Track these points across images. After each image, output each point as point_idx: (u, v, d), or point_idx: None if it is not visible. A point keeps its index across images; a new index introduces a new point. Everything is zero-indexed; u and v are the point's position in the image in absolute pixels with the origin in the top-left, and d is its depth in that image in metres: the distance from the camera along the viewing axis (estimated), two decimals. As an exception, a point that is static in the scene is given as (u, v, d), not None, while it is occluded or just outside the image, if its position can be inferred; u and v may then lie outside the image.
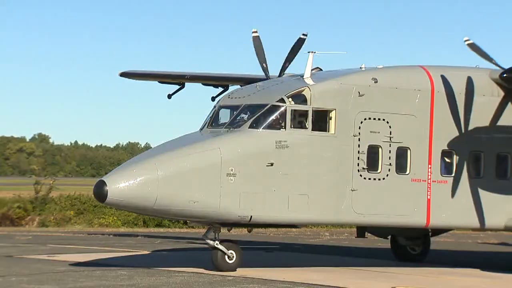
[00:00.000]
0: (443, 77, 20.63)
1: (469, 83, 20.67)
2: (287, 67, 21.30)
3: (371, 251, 27.12)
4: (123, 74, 26.67)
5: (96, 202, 36.85)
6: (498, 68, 20.08)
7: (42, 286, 16.40)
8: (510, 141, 20.90)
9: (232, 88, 24.25)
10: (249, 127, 19.28)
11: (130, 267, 19.62)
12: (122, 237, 31.25)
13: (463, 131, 20.67)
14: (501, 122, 20.63)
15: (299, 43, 20.82)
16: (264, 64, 21.71)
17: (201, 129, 20.15)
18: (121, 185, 18.22)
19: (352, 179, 19.62)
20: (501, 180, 20.99)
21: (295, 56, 20.91)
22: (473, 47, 20.32)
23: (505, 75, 19.84)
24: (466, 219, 20.75)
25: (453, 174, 20.62)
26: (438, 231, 23.93)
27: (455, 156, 20.64)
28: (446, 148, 20.58)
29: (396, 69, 20.95)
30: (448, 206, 20.54)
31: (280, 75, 21.41)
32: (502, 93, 20.58)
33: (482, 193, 20.78)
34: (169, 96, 25.52)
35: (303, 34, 20.76)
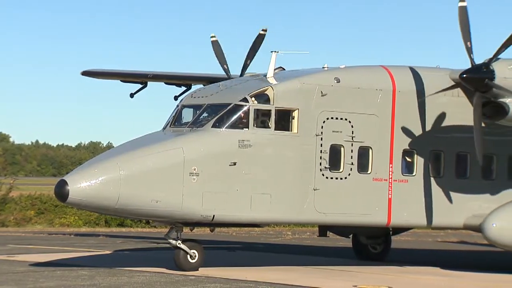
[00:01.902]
0: (404, 77, 20.80)
1: (430, 83, 20.88)
2: (249, 64, 21.35)
3: (333, 250, 27.27)
4: (85, 73, 26.50)
5: (57, 202, 36.54)
6: (469, 56, 20.02)
7: (2, 286, 16.21)
8: (469, 141, 21.16)
9: (195, 87, 24.23)
10: (212, 127, 19.27)
11: (91, 267, 19.49)
12: (83, 237, 31.01)
13: (424, 130, 20.87)
14: (461, 122, 20.86)
15: (259, 39, 20.90)
16: (225, 66, 21.78)
17: (163, 128, 20.08)
18: (83, 184, 18.09)
19: (314, 178, 19.71)
20: (461, 179, 21.24)
21: (256, 52, 20.98)
22: (463, 12, 19.42)
23: (464, 75, 20.07)
24: (427, 218, 20.96)
25: (414, 174, 20.81)
26: (398, 230, 24.13)
27: (416, 155, 20.83)
28: (407, 148, 20.77)
29: (358, 69, 21.08)
30: (408, 205, 20.72)
31: (242, 73, 21.45)
32: (462, 93, 20.81)
33: (442, 192, 21.00)
34: (132, 95, 25.42)
35: (263, 30, 20.81)
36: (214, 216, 19.01)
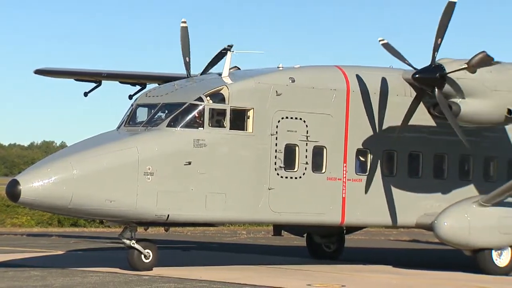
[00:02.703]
0: (358, 77, 20.99)
1: (383, 83, 21.09)
2: (209, 69, 21.26)
3: (287, 249, 27.38)
4: (38, 72, 26.21)
5: (9, 202, 35.96)
6: (411, 68, 20.52)
7: (-48, 288, 15.95)
8: (422, 140, 21.43)
9: (150, 86, 24.11)
10: (167, 126, 19.20)
11: (44, 267, 19.28)
12: (36, 237, 30.66)
13: (377, 130, 21.07)
14: (413, 121, 21.11)
15: (223, 53, 20.65)
16: (187, 58, 21.56)
17: (118, 127, 19.95)
18: (35, 184, 17.89)
19: (269, 178, 19.76)
20: (413, 178, 21.49)
21: (218, 61, 20.84)
22: (387, 47, 20.73)
23: (417, 75, 20.29)
24: (380, 217, 21.17)
25: (367, 173, 21.00)
26: (352, 229, 24.34)
27: (369, 155, 21.02)
28: (361, 147, 20.94)
29: (313, 69, 21.20)
30: (362, 204, 20.90)
31: (204, 72, 21.35)
32: (414, 93, 21.05)
33: (395, 191, 21.23)
34: (86, 94, 25.21)
35: (228, 45, 20.60)
36: (168, 215, 18.94)
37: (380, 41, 20.79)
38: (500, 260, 21.27)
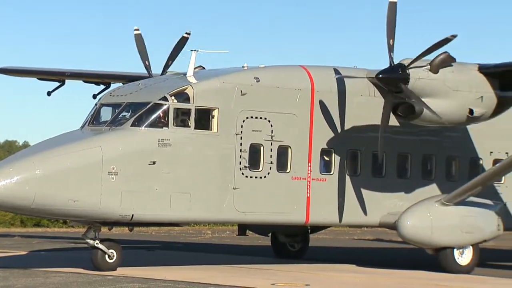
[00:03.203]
0: (323, 77, 21.07)
1: (348, 83, 21.20)
2: (170, 65, 21.30)
3: (252, 249, 27.43)
4: (1, 71, 25.96)
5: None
6: (389, 54, 20.37)
7: None
8: (385, 140, 21.58)
9: (114, 86, 23.99)
10: (131, 125, 19.12)
11: (6, 268, 19.08)
12: (-2, 238, 30.33)
13: (341, 130, 21.19)
14: (377, 121, 21.26)
15: (182, 41, 20.92)
16: (146, 62, 21.65)
17: (82, 127, 19.82)
18: (-2, 183, 17.70)
19: (234, 177, 19.77)
20: (377, 178, 21.65)
21: (178, 54, 20.98)
22: (392, 9, 19.73)
23: (380, 75, 20.45)
24: (344, 216, 21.28)
25: (331, 172, 21.11)
26: (317, 228, 24.46)
27: (333, 154, 21.13)
28: (325, 147, 21.05)
29: (278, 68, 21.25)
30: (326, 204, 21.00)
31: (163, 73, 21.36)
32: (378, 93, 21.21)
33: (359, 190, 21.36)
34: (49, 93, 25.02)
35: (186, 33, 20.82)
36: (133, 215, 18.87)
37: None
38: (462, 258, 21.51)
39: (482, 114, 20.62)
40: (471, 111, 20.42)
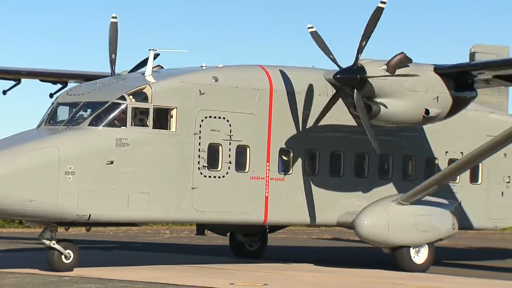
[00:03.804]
0: (281, 76, 21.16)
1: (306, 83, 21.32)
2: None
3: (210, 249, 27.42)
4: (-45, 69, 25.55)
5: None
6: (334, 64, 20.62)
7: None
8: (343, 140, 21.74)
9: (71, 85, 23.80)
10: (89, 125, 19.00)
11: (-39, 269, 18.83)
12: (-48, 238, 29.87)
13: (299, 130, 21.29)
14: (335, 121, 21.42)
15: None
16: (113, 56, 21.38)
17: (38, 126, 19.64)
18: (-48, 183, 17.45)
19: (192, 177, 19.76)
20: (335, 177, 21.81)
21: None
22: (315, 36, 20.69)
23: (338, 75, 20.59)
24: (302, 215, 21.40)
25: (290, 172, 21.20)
26: (275, 228, 24.54)
27: (292, 154, 21.23)
28: (284, 147, 21.13)
29: (236, 68, 21.28)
30: (285, 203, 21.09)
31: (112, 69, 21.17)
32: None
33: (317, 190, 21.50)
34: (4, 92, 24.76)
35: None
36: (90, 215, 18.75)
37: (309, 28, 20.69)
38: (418, 257, 21.76)
39: (438, 114, 20.88)
40: (427, 111, 20.66)
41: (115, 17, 21.40)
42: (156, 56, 20.34)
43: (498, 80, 21.06)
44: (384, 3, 19.63)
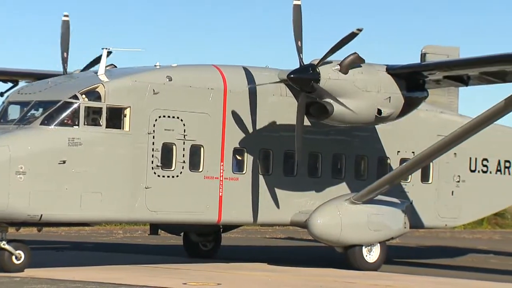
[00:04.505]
0: (235, 76, 21.19)
1: (260, 83, 21.36)
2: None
3: (164, 248, 27.33)
4: None
5: None
6: (298, 55, 20.59)
7: None
8: (300, 140, 21.82)
9: (22, 83, 23.52)
10: (41, 124, 18.81)
11: None
12: None
13: (253, 129, 21.35)
14: (289, 121, 21.53)
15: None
16: (65, 54, 21.20)
17: (-12, 125, 19.35)
18: None
19: (146, 176, 19.68)
20: (289, 177, 21.91)
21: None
22: (297, 11, 19.92)
23: (292, 75, 20.69)
24: (256, 215, 21.45)
25: (244, 172, 21.25)
26: (229, 227, 24.56)
27: (246, 154, 21.28)
28: (238, 146, 21.17)
29: (190, 68, 21.26)
30: (238, 203, 21.13)
31: (64, 67, 21.02)
32: (290, 93, 21.46)
33: (271, 189, 21.57)
34: (-46, 90, 24.33)
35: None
36: (41, 215, 18.57)
37: (295, 0, 20.37)
38: (370, 256, 21.98)
39: (390, 114, 21.11)
40: (379, 111, 20.87)
41: (67, 16, 21.22)
42: (108, 54, 20.21)
43: (448, 80, 21.38)
44: (360, 30, 19.61)
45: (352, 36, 19.85)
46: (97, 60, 20.69)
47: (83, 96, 19.20)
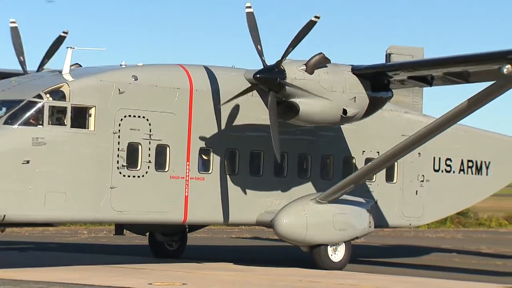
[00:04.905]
0: (201, 76, 21.17)
1: (226, 82, 21.37)
2: (46, 63, 20.87)
3: (129, 248, 27.21)
4: None
5: None
6: (260, 57, 20.69)
7: None
8: (263, 139, 21.89)
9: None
10: (4, 123, 18.62)
11: None
12: None
13: (219, 129, 21.34)
14: (255, 121, 21.55)
15: (60, 40, 20.58)
16: (21, 57, 21.10)
17: (-49, 124, 19.10)
18: None
19: (111, 176, 19.58)
20: (254, 176, 21.94)
21: (54, 52, 20.60)
22: (251, 19, 20.27)
23: (258, 75, 20.72)
24: (222, 215, 21.45)
25: (210, 171, 21.23)
26: (195, 227, 24.53)
27: (212, 153, 21.26)
28: (204, 146, 21.15)
29: (156, 67, 21.19)
30: (204, 203, 21.11)
31: (38, 71, 20.90)
32: (256, 93, 21.48)
33: (237, 189, 21.58)
34: None
35: (64, 32, 20.48)
36: (5, 216, 18.38)
37: (247, 7, 20.57)
38: (335, 255, 22.09)
39: (355, 114, 21.24)
40: (344, 111, 20.99)
41: (14, 22, 21.15)
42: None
43: (412, 80, 21.57)
44: (318, 17, 19.84)
45: (310, 24, 19.89)
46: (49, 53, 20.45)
47: (48, 95, 19.05)
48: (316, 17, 19.84)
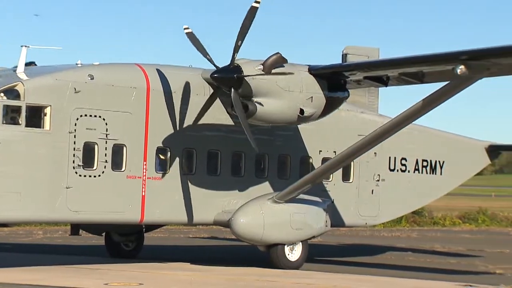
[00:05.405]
0: (158, 75, 21.10)
1: (183, 82, 21.35)
2: None
3: (85, 249, 27.00)
4: None
5: None
6: (211, 64, 20.79)
7: None
8: (220, 139, 21.91)
9: None
10: (-43, 122, 18.34)
11: None
12: None
13: (177, 128, 21.30)
14: (212, 120, 21.55)
15: None
16: None
17: None
18: None
19: (67, 176, 19.42)
20: (212, 176, 21.94)
21: None
22: (192, 37, 20.90)
23: (215, 75, 20.72)
24: (179, 214, 21.42)
25: (167, 171, 21.18)
26: (152, 227, 24.44)
27: (169, 153, 21.21)
28: (161, 145, 21.09)
29: (113, 66, 21.06)
30: (162, 202, 21.05)
31: None
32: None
33: (194, 189, 21.56)
34: None
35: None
36: (-42, 216, 18.11)
37: (185, 29, 20.93)
38: (292, 254, 22.19)
39: (312, 114, 21.35)
40: (301, 111, 21.09)
41: None
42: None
43: (368, 81, 21.75)
44: (258, 2, 19.94)
45: (253, 10, 19.96)
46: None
47: (1, 94, 18.83)
48: (256, 1, 19.90)
